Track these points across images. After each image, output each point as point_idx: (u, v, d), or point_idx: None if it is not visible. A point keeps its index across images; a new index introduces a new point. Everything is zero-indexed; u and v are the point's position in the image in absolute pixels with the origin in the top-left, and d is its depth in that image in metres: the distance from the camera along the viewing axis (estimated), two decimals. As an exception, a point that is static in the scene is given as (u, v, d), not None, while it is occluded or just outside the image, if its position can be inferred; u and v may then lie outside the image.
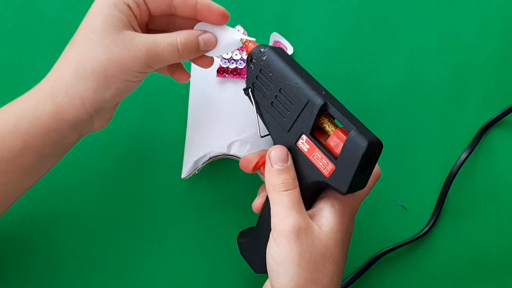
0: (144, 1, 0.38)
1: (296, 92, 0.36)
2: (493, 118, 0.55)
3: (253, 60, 0.38)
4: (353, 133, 0.33)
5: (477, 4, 0.57)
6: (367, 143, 0.32)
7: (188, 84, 0.51)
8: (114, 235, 0.51)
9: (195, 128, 0.49)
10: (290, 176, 0.36)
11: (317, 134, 0.36)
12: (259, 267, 0.41)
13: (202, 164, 0.48)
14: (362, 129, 0.34)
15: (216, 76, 0.48)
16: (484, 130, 0.54)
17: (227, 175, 0.52)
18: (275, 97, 0.37)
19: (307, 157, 0.36)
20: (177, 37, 0.37)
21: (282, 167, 0.36)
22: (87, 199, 0.51)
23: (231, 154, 0.47)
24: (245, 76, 0.48)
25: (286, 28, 0.55)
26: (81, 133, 0.39)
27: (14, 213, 0.50)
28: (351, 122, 0.34)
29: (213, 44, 0.40)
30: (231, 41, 0.40)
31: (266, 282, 0.39)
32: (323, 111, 0.35)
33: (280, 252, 0.34)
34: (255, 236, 0.41)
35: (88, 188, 0.51)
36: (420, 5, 0.57)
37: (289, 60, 0.38)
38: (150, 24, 0.41)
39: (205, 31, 0.39)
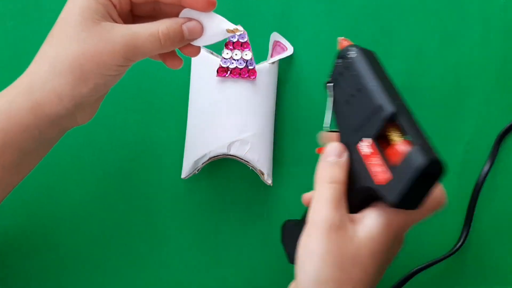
0: None
1: (371, 96, 0.36)
2: (507, 126, 0.54)
3: (343, 58, 0.39)
4: (416, 147, 0.32)
5: (478, 4, 0.57)
6: (428, 161, 0.31)
7: (188, 83, 0.51)
8: (114, 235, 0.51)
9: (195, 128, 0.49)
10: (339, 171, 0.35)
11: (380, 141, 0.36)
12: (294, 258, 0.41)
13: (202, 164, 0.48)
14: (427, 146, 0.33)
15: (216, 76, 0.48)
16: (501, 137, 0.54)
17: (227, 175, 0.52)
18: (351, 96, 0.38)
19: (364, 161, 0.35)
20: (159, 27, 0.35)
21: (334, 161, 0.36)
22: (86, 199, 0.51)
23: (231, 154, 0.47)
24: (245, 76, 0.48)
25: (286, 28, 0.55)
26: (63, 128, 0.38)
27: (15, 214, 0.50)
28: (417, 136, 0.33)
29: (198, 32, 0.37)
30: (218, 31, 0.37)
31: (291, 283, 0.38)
32: (392, 120, 0.35)
33: (309, 242, 0.34)
34: (298, 226, 0.40)
35: (88, 188, 0.51)
36: (421, 5, 0.56)
37: (375, 64, 0.38)
38: (135, 10, 0.39)
39: (190, 19, 0.37)
